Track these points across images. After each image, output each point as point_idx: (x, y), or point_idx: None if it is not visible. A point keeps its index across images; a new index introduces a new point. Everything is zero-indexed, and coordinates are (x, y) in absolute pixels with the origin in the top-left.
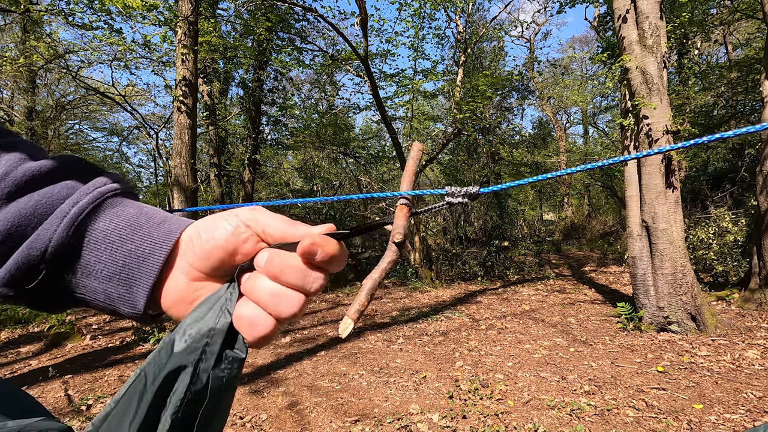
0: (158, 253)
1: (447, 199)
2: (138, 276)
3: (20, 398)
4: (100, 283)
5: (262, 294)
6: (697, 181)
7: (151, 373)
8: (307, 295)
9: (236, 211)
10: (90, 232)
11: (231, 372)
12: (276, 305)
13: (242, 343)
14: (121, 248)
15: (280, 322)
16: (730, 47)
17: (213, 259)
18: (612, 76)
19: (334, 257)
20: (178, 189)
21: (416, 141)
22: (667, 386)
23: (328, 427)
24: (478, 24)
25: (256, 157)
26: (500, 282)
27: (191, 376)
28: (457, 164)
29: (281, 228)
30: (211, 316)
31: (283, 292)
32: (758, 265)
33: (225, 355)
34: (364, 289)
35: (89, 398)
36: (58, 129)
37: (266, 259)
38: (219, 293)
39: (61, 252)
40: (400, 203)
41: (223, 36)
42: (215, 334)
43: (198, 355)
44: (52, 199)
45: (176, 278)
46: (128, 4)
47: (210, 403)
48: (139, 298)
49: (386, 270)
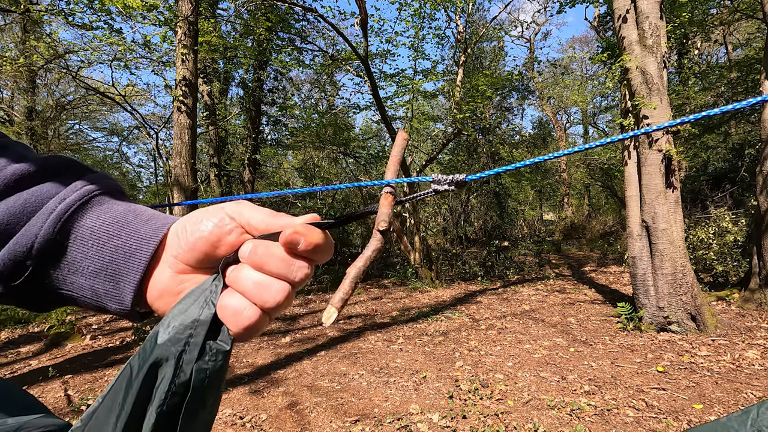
0: (145, 249)
1: (433, 187)
2: (125, 271)
3: (20, 397)
4: (87, 279)
5: (246, 284)
6: (697, 181)
7: (136, 365)
8: (291, 284)
9: (222, 205)
10: (77, 229)
11: (215, 364)
12: (261, 294)
13: (227, 334)
14: (107, 244)
15: (265, 312)
16: (730, 47)
17: (198, 251)
18: (612, 76)
19: (318, 246)
20: (178, 189)
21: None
22: (667, 386)
23: (328, 427)
24: (478, 24)
25: (256, 157)
26: (500, 282)
27: (174, 368)
28: (457, 164)
29: (265, 219)
30: (195, 308)
31: (268, 282)
32: (758, 265)
33: (209, 346)
34: (348, 277)
35: (89, 398)
36: (58, 129)
37: (250, 250)
38: (204, 285)
39: (48, 248)
40: (384, 192)
41: (223, 36)
42: (199, 326)
43: (181, 347)
44: (41, 197)
45: (162, 271)
46: (128, 4)
47: (194, 395)
48: (126, 294)
49: (370, 258)
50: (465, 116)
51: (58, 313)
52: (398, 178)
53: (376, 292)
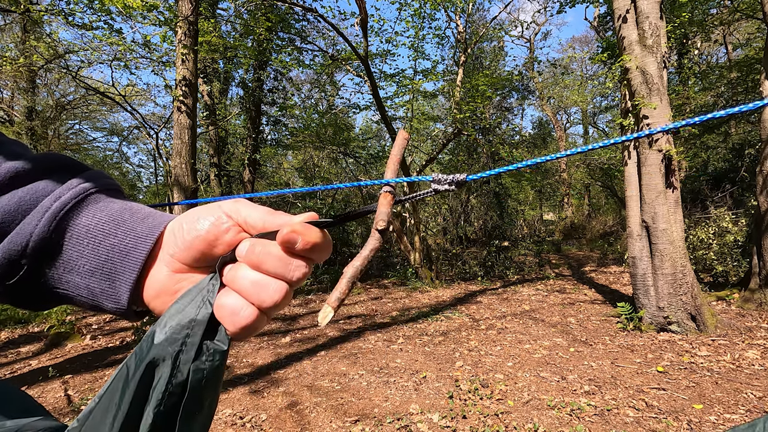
0: (141, 247)
1: (433, 186)
2: (121, 270)
3: (18, 398)
4: (83, 278)
5: (244, 283)
6: (697, 181)
7: (133, 365)
8: (289, 283)
9: (219, 203)
10: (72, 227)
11: (212, 364)
12: (258, 294)
13: (224, 334)
14: (103, 243)
15: (262, 312)
16: (730, 47)
17: (194, 250)
18: (612, 76)
19: (316, 245)
20: (178, 189)
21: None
22: (667, 386)
23: (328, 427)
24: (478, 24)
25: (256, 157)
26: (500, 282)
27: (171, 368)
28: (457, 164)
29: (262, 217)
30: (192, 307)
31: (265, 281)
32: (758, 265)
33: (206, 346)
34: (345, 277)
35: (89, 398)
36: (58, 129)
37: (247, 249)
38: (201, 285)
39: (43, 247)
40: (383, 191)
41: (223, 36)
42: (195, 325)
43: (178, 347)
44: (36, 195)
45: (159, 270)
46: (128, 4)
47: (191, 396)
48: (122, 293)
49: (368, 258)
50: (465, 116)
51: (58, 313)
52: (398, 178)
53: (376, 292)
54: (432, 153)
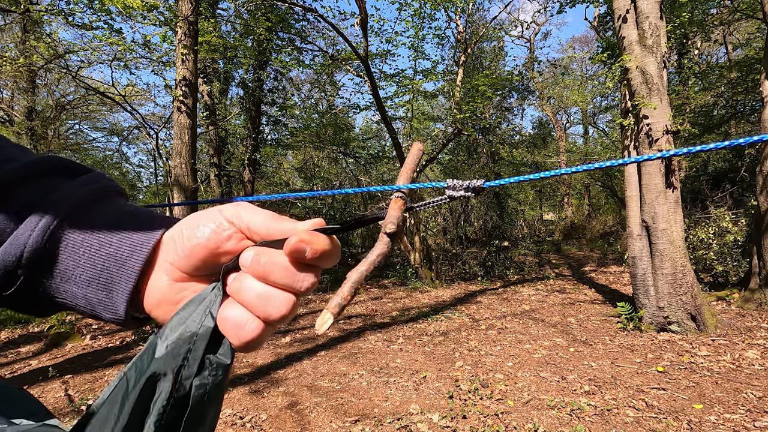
0: (137, 256)
1: (448, 193)
2: (117, 280)
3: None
4: (80, 288)
5: (249, 295)
6: (697, 181)
7: (133, 378)
8: (297, 294)
9: (220, 208)
10: (67, 237)
11: (215, 379)
12: (264, 307)
13: (228, 347)
14: (99, 252)
15: (268, 325)
16: (730, 47)
17: (195, 258)
18: (612, 76)
19: (325, 253)
20: (178, 189)
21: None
22: (667, 386)
23: (328, 427)
24: (478, 24)
25: (256, 157)
26: (500, 282)
27: (172, 383)
28: (457, 164)
29: (266, 223)
30: (194, 320)
31: (272, 293)
32: (758, 265)
33: (209, 360)
34: (348, 282)
35: (89, 398)
36: (58, 129)
37: (251, 259)
38: (204, 294)
39: (38, 258)
40: (395, 196)
41: (223, 36)
42: (198, 340)
43: (180, 362)
44: (30, 203)
45: (159, 278)
46: (128, 4)
47: (193, 410)
48: (119, 303)
49: (375, 263)
50: (465, 116)
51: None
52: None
53: (376, 292)
54: (432, 153)
